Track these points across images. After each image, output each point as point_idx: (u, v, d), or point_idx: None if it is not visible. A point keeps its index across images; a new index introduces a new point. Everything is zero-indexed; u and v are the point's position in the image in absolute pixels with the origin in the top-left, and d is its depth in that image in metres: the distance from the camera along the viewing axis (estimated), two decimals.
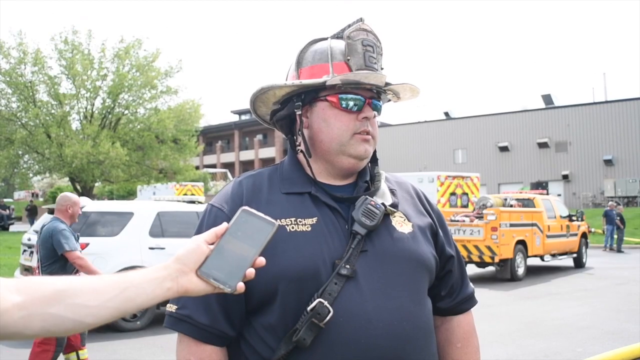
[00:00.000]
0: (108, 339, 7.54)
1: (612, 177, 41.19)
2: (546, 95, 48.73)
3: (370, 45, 1.45)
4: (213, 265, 1.08)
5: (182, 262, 1.08)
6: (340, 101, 1.44)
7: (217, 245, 1.09)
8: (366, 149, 1.47)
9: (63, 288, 1.00)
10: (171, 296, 1.07)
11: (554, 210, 15.41)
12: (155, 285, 1.05)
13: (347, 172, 1.51)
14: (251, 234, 1.10)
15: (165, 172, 31.14)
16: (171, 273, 1.07)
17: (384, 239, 1.43)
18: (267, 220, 1.12)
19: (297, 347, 1.31)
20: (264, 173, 1.54)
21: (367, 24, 1.47)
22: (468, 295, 1.65)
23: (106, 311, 1.02)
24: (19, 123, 27.54)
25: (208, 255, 1.09)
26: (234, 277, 1.07)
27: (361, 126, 1.45)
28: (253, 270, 1.09)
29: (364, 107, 1.45)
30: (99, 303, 1.01)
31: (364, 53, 1.44)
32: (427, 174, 20.05)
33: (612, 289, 11.88)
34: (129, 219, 8.57)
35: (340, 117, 1.45)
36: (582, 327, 8.26)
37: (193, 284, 1.08)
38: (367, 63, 1.44)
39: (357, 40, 1.44)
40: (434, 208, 1.65)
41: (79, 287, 1.02)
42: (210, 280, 1.07)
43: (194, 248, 1.09)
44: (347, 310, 1.32)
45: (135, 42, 28.77)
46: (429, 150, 48.66)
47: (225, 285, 1.07)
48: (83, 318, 1.01)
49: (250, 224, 1.11)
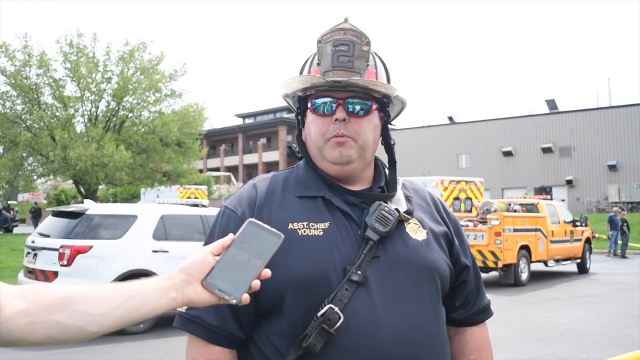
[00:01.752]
0: (111, 342, 7.53)
1: (616, 183, 41.10)
2: (550, 100, 48.71)
3: (344, 44, 1.42)
4: (218, 276, 1.09)
5: (187, 272, 1.08)
6: (314, 106, 1.46)
7: (223, 257, 1.10)
8: (341, 153, 1.43)
9: (67, 295, 1.01)
10: (176, 306, 1.07)
11: (558, 216, 15.37)
12: (160, 295, 1.05)
13: (336, 178, 1.48)
14: (257, 246, 1.11)
15: (169, 175, 31.17)
16: (176, 283, 1.07)
17: (397, 246, 1.42)
18: (274, 232, 1.13)
19: (307, 353, 1.30)
20: (279, 176, 1.53)
21: (348, 23, 1.44)
22: (483, 306, 1.62)
23: (110, 319, 1.02)
24: (24, 125, 27.56)
25: (214, 266, 1.09)
26: (239, 289, 1.08)
27: (334, 129, 1.43)
28: (258, 282, 1.10)
29: (336, 108, 1.43)
30: (103, 311, 1.01)
31: (333, 53, 1.41)
32: (430, 178, 20.01)
33: (616, 295, 11.84)
34: (133, 221, 8.57)
35: (315, 122, 1.46)
36: (586, 332, 8.23)
37: (198, 294, 1.08)
38: (334, 63, 1.41)
39: (327, 43, 1.42)
40: (451, 216, 1.63)
41: (83, 294, 1.02)
42: (215, 291, 1.08)
43: (199, 259, 1.09)
44: (357, 316, 1.31)
45: (140, 45, 28.79)
46: (432, 155, 48.64)
47: (230, 296, 1.08)
48: (87, 326, 1.01)
49: (256, 235, 1.12)
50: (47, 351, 6.91)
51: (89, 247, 8.05)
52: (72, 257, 7.93)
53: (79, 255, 7.96)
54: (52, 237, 8.39)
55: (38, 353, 6.84)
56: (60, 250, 7.97)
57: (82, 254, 7.97)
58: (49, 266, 8.03)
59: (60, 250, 7.97)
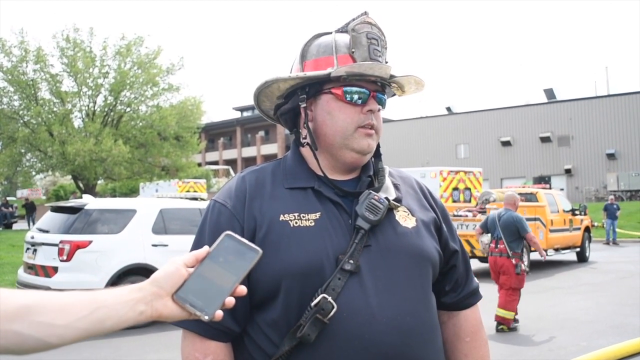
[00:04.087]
0: (112, 335, 7.54)
1: (614, 171, 41.14)
2: (548, 89, 48.68)
3: (374, 39, 1.44)
4: (190, 290, 1.02)
5: (158, 284, 1.02)
6: (345, 94, 1.42)
7: (196, 270, 1.04)
8: (369, 144, 1.45)
9: (28, 304, 0.93)
10: (143, 320, 1.01)
11: (557, 205, 15.39)
12: (128, 308, 0.98)
13: (350, 167, 1.49)
14: (233, 261, 1.05)
15: (168, 169, 31.15)
16: (146, 296, 1.00)
17: (387, 234, 1.42)
18: (251, 247, 1.07)
19: (301, 343, 1.30)
20: (267, 168, 1.53)
21: (371, 18, 1.46)
22: (473, 290, 1.64)
23: (73, 332, 0.95)
24: (21, 121, 27.52)
25: (186, 280, 1.03)
26: (211, 305, 1.02)
27: (365, 119, 1.43)
28: (233, 300, 1.03)
29: (368, 99, 1.43)
30: (66, 323, 0.94)
31: (369, 46, 1.43)
32: (429, 169, 19.99)
33: (615, 283, 11.87)
34: (132, 216, 8.57)
35: (344, 110, 1.43)
36: (586, 321, 8.25)
37: (168, 308, 1.02)
38: (371, 55, 1.42)
39: (361, 33, 1.43)
40: (438, 203, 1.64)
41: (46, 303, 0.95)
42: (187, 306, 1.01)
43: (172, 271, 1.03)
44: (350, 305, 1.32)
45: (137, 39, 28.71)
46: (431, 146, 48.63)
47: (202, 312, 1.01)
48: (47, 338, 0.93)
49: (233, 249, 1.06)
50: None
51: (88, 242, 8.06)
52: (72, 252, 7.94)
53: (79, 250, 7.97)
54: (52, 232, 8.40)
55: None
56: (59, 245, 7.98)
57: (81, 249, 7.98)
58: (48, 261, 8.04)
59: (60, 245, 7.97)
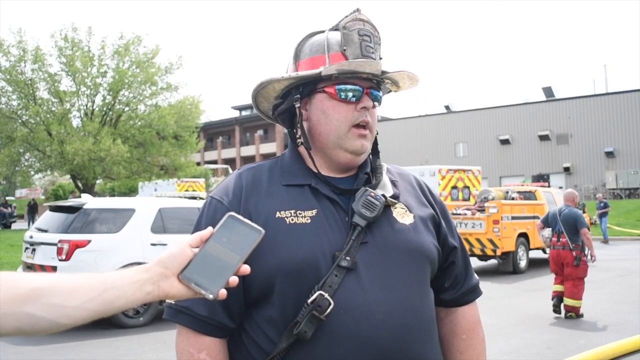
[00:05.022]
0: (111, 335, 7.55)
1: (613, 169, 41.18)
2: (547, 87, 48.69)
3: (367, 35, 1.44)
4: (196, 270, 1.06)
5: (164, 265, 1.06)
6: (338, 92, 1.42)
7: (201, 250, 1.07)
8: (363, 144, 1.45)
9: (39, 286, 0.97)
10: (151, 300, 1.05)
11: (556, 203, 15.37)
12: (135, 289, 1.03)
13: (345, 167, 1.49)
14: (236, 241, 1.08)
15: (167, 168, 31.15)
16: (153, 276, 1.04)
17: (384, 231, 1.42)
18: (254, 227, 1.10)
19: (298, 340, 1.31)
20: (264, 165, 1.53)
21: (363, 14, 1.45)
22: (472, 286, 1.63)
23: (83, 312, 0.99)
24: (20, 121, 27.52)
25: (191, 260, 1.07)
26: (216, 284, 1.05)
27: (360, 116, 1.43)
28: (236, 279, 1.07)
29: (362, 97, 1.43)
30: (77, 304, 0.98)
31: (361, 42, 1.43)
32: (428, 167, 20.02)
33: (614, 281, 11.88)
34: (131, 215, 8.56)
35: (338, 109, 1.43)
36: (585, 319, 8.26)
37: (174, 288, 1.06)
38: (363, 52, 1.42)
39: (353, 30, 1.43)
40: (437, 199, 1.63)
41: (56, 285, 0.98)
42: (192, 285, 1.05)
43: (177, 251, 1.07)
44: (347, 302, 1.32)
45: (135, 38, 28.72)
46: (429, 144, 48.64)
47: (207, 291, 1.05)
48: (59, 319, 0.97)
49: (236, 230, 1.09)
50: (48, 345, 6.92)
51: (87, 242, 8.05)
52: (71, 251, 7.93)
53: (78, 250, 7.96)
54: (50, 232, 8.38)
55: (38, 348, 6.86)
56: (58, 245, 7.97)
57: (80, 248, 7.97)
58: (47, 261, 8.03)
59: (59, 245, 7.96)
